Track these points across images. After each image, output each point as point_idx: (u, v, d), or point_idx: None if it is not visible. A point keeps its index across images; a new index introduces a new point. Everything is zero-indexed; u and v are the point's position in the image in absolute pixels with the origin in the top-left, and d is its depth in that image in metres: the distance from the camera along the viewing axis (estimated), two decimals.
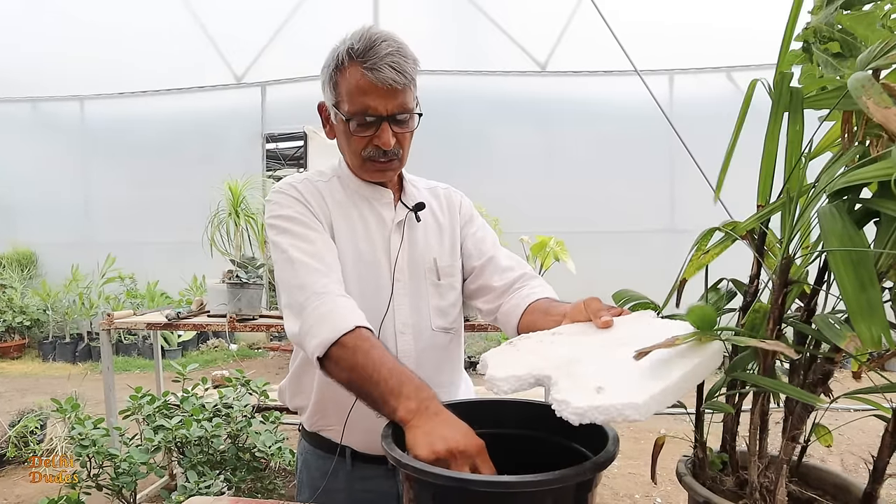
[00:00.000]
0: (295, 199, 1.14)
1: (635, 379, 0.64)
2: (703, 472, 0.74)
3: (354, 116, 1.07)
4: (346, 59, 1.06)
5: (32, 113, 7.24)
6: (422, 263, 1.21)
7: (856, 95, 0.52)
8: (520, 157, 6.21)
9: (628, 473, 3.37)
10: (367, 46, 1.04)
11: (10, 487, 3.17)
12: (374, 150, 1.10)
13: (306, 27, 6.22)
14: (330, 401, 1.17)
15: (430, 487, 0.68)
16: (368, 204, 1.20)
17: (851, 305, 0.50)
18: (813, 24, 0.68)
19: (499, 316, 1.21)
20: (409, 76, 1.06)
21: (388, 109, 1.06)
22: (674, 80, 5.99)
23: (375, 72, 1.02)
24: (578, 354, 0.75)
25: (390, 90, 1.04)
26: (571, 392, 0.64)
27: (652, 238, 5.95)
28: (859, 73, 0.55)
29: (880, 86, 0.52)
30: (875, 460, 0.64)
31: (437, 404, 0.81)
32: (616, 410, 0.59)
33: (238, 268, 2.69)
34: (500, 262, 1.25)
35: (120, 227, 6.97)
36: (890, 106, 0.50)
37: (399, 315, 1.17)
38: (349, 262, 1.14)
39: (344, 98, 1.07)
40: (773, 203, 0.68)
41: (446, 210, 1.29)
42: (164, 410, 2.30)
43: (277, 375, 5.69)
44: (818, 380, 0.64)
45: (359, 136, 1.08)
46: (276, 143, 7.97)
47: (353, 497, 1.16)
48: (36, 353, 6.76)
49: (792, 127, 0.66)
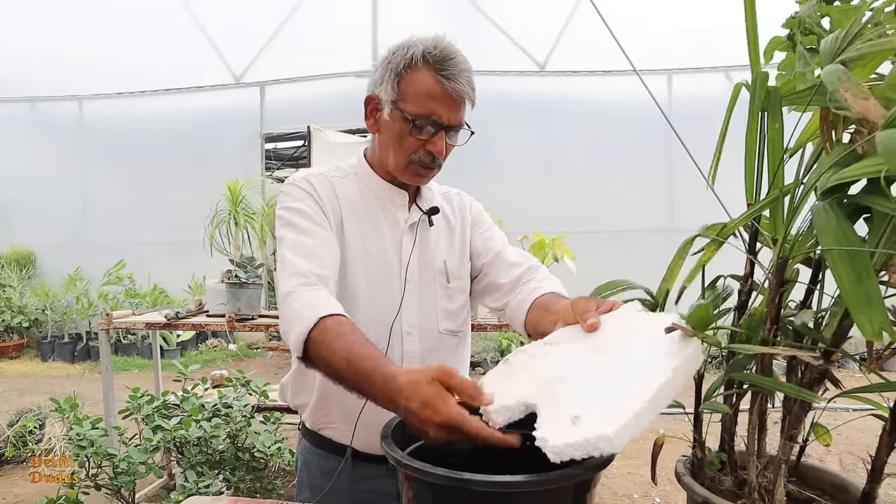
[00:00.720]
0: (307, 192, 1.15)
1: (612, 399, 0.66)
2: (702, 471, 0.74)
3: (418, 119, 1.07)
4: (420, 60, 1.06)
5: (31, 113, 7.24)
6: (432, 265, 1.21)
7: (832, 89, 0.52)
8: (519, 157, 6.22)
9: (627, 473, 3.38)
10: (445, 56, 1.06)
11: (8, 487, 3.17)
12: (425, 156, 1.11)
13: (305, 27, 6.22)
14: (332, 398, 1.17)
15: (429, 487, 0.68)
16: (382, 204, 1.20)
17: (850, 298, 0.50)
18: (799, 15, 0.68)
19: (507, 312, 1.21)
20: (475, 94, 1.10)
21: (450, 120, 1.08)
22: (672, 79, 6.00)
23: (452, 82, 1.05)
24: (563, 370, 0.76)
25: (458, 102, 1.08)
26: (550, 426, 0.66)
27: (650, 237, 5.95)
28: (832, 66, 0.55)
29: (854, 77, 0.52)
30: (873, 460, 0.64)
31: (396, 386, 0.79)
32: (590, 445, 0.61)
33: (237, 268, 2.69)
34: (508, 258, 1.26)
35: (118, 227, 6.97)
36: (868, 97, 0.50)
37: (406, 316, 1.17)
38: (359, 261, 1.15)
39: (409, 98, 1.07)
40: (762, 200, 0.69)
41: (457, 213, 1.30)
42: (163, 410, 2.30)
43: (276, 375, 5.69)
44: (815, 379, 0.64)
45: (416, 138, 1.09)
46: (275, 143, 7.96)
47: (354, 497, 1.16)
48: (34, 352, 6.76)
49: (771, 125, 0.66)
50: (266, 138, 6.62)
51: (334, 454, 1.18)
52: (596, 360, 0.76)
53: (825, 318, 0.65)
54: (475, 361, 5.77)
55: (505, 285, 1.23)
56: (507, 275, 1.23)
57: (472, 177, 5.71)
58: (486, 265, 1.27)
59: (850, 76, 0.52)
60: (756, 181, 0.70)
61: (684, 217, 5.85)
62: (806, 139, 0.69)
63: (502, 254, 1.27)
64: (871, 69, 0.59)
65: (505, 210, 3.14)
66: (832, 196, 0.58)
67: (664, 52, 5.62)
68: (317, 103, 6.29)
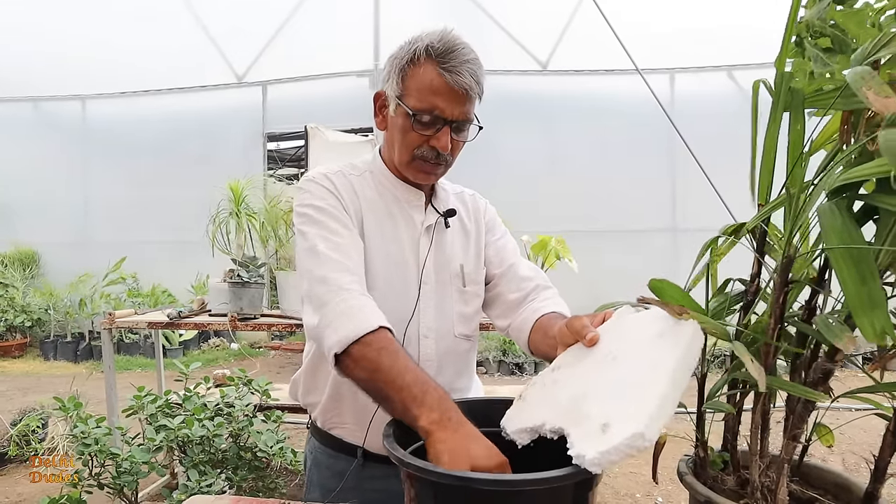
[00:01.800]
0: (329, 190, 1.13)
1: (634, 398, 0.66)
2: (705, 471, 0.74)
3: (420, 113, 1.05)
4: (423, 55, 1.05)
5: (34, 113, 7.25)
6: (448, 269, 1.20)
7: (856, 88, 0.52)
8: (521, 157, 6.21)
9: (629, 472, 3.37)
10: (447, 48, 1.04)
11: (11, 486, 3.18)
12: (428, 151, 1.09)
13: (307, 26, 6.22)
14: (345, 398, 1.16)
15: (431, 486, 0.68)
16: (399, 204, 1.19)
17: (852, 300, 0.50)
18: (806, 19, 0.68)
19: (510, 332, 1.21)
20: (481, 87, 1.07)
21: (454, 114, 1.05)
22: (675, 78, 5.98)
23: (453, 74, 1.03)
24: (580, 389, 0.77)
25: (461, 96, 1.04)
26: (582, 442, 0.66)
27: (653, 237, 5.95)
28: (858, 66, 0.55)
29: (880, 78, 0.52)
30: (876, 460, 0.64)
31: (459, 416, 0.80)
32: (626, 446, 0.61)
33: (239, 267, 2.69)
34: (519, 272, 1.24)
35: (121, 227, 6.98)
36: (890, 95, 0.50)
37: (424, 319, 1.16)
38: (377, 261, 1.13)
39: (412, 93, 1.06)
40: (774, 200, 0.68)
41: (472, 217, 1.29)
42: (166, 409, 2.30)
43: (279, 374, 5.70)
44: (818, 379, 0.64)
45: (418, 133, 1.07)
46: (278, 143, 7.98)
47: (363, 496, 1.14)
48: (37, 352, 6.78)
49: (794, 126, 0.66)
50: (268, 137, 6.63)
51: (344, 454, 1.18)
52: (606, 370, 0.76)
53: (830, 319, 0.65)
54: (477, 361, 5.77)
55: (513, 302, 1.22)
56: (518, 289, 1.22)
57: (475, 175, 5.69)
58: (497, 276, 1.26)
59: (875, 76, 0.52)
60: (770, 182, 0.70)
61: (687, 216, 5.85)
62: (822, 142, 0.69)
63: (514, 266, 1.25)
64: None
65: (507, 209, 3.13)
66: (839, 196, 0.58)
67: (666, 51, 5.61)
68: (319, 102, 6.29)
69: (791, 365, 0.68)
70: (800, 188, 0.64)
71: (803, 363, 0.67)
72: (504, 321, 1.24)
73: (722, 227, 0.77)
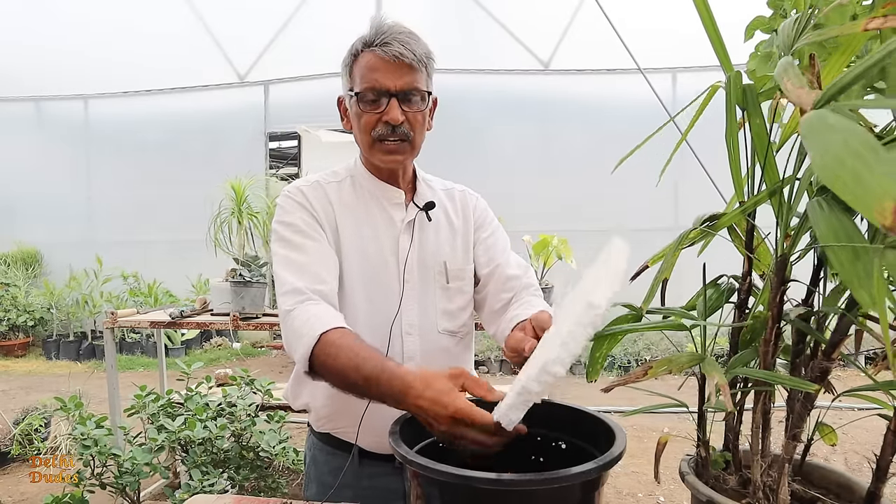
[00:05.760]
0: (300, 204, 1.15)
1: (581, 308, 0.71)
2: (706, 470, 0.74)
3: (364, 92, 1.08)
4: (360, 47, 1.10)
5: (36, 112, 7.26)
6: (431, 265, 1.20)
7: (778, 79, 0.53)
8: (522, 156, 6.21)
9: (631, 472, 3.37)
10: (378, 31, 1.09)
11: (14, 485, 3.18)
12: (384, 128, 1.10)
13: (309, 26, 6.22)
14: (336, 399, 1.16)
15: (436, 485, 0.68)
16: (379, 204, 1.19)
17: (848, 276, 0.49)
18: None
19: (496, 339, 1.23)
20: (417, 55, 1.08)
21: (396, 85, 1.07)
22: (677, 78, 5.98)
23: (384, 46, 1.06)
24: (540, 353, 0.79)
25: (399, 66, 1.06)
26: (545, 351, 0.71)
27: (655, 237, 5.92)
28: (784, 58, 0.57)
29: (798, 68, 0.54)
30: (878, 459, 0.64)
31: (409, 379, 0.82)
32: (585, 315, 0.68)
33: (241, 266, 2.69)
34: (506, 271, 1.24)
35: (124, 226, 6.99)
36: (803, 86, 0.51)
37: (406, 316, 1.17)
38: (355, 265, 1.15)
39: (357, 80, 1.10)
40: (755, 196, 0.69)
41: (461, 212, 1.29)
42: (168, 409, 2.31)
43: (281, 374, 5.71)
44: (816, 377, 0.64)
45: (368, 112, 1.09)
46: (279, 142, 7.97)
47: (360, 493, 1.16)
48: (40, 351, 6.79)
49: (753, 121, 0.67)
50: (270, 137, 6.64)
51: (341, 451, 1.19)
52: (559, 328, 0.77)
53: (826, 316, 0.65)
54: (478, 360, 5.78)
55: (497, 310, 1.23)
56: (503, 290, 1.23)
57: (476, 174, 5.72)
58: (484, 276, 1.26)
59: (793, 66, 0.54)
60: (749, 178, 0.71)
61: (689, 216, 5.81)
62: (790, 132, 0.69)
63: (501, 266, 1.25)
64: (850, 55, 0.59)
65: (508, 208, 3.14)
66: (826, 193, 0.58)
67: (668, 51, 5.60)
68: (320, 102, 6.29)
69: (790, 363, 0.68)
70: (782, 183, 0.65)
71: (802, 361, 0.67)
72: (491, 328, 1.25)
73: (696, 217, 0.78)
